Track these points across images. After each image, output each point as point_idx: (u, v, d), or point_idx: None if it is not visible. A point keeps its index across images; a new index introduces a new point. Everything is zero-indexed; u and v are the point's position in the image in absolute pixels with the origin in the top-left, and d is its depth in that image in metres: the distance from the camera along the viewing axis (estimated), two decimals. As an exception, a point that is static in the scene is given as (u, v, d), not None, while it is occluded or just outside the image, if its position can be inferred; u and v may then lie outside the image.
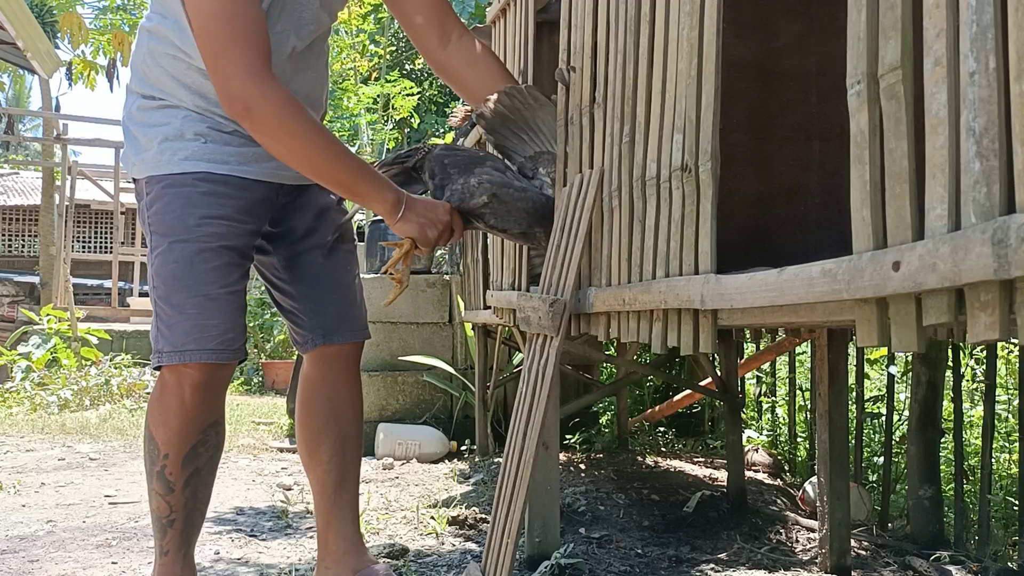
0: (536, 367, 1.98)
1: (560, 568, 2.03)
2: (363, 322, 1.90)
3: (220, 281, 1.62)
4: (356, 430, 1.88)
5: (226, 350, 1.63)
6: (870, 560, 2.34)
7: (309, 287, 1.81)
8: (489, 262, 3.24)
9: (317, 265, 1.81)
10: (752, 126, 2.78)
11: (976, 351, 3.26)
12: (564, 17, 2.27)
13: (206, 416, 1.66)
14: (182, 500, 1.67)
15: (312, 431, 1.83)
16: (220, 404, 1.72)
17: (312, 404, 1.84)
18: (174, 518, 1.67)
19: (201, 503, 1.72)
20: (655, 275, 1.63)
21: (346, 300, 1.85)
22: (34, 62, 7.53)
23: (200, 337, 1.60)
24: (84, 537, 2.49)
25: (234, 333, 1.64)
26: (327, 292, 1.82)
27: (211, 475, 1.73)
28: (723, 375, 2.92)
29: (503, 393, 4.08)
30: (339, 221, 1.87)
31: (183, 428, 1.64)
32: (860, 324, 1.03)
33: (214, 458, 1.73)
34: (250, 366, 7.74)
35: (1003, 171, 0.81)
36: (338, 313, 1.84)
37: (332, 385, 1.84)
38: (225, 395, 1.76)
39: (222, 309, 1.62)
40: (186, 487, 1.66)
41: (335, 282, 1.83)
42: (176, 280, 1.61)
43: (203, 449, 1.68)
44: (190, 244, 1.61)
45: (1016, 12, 0.78)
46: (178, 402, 1.63)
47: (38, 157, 15.84)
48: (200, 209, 1.61)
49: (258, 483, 3.35)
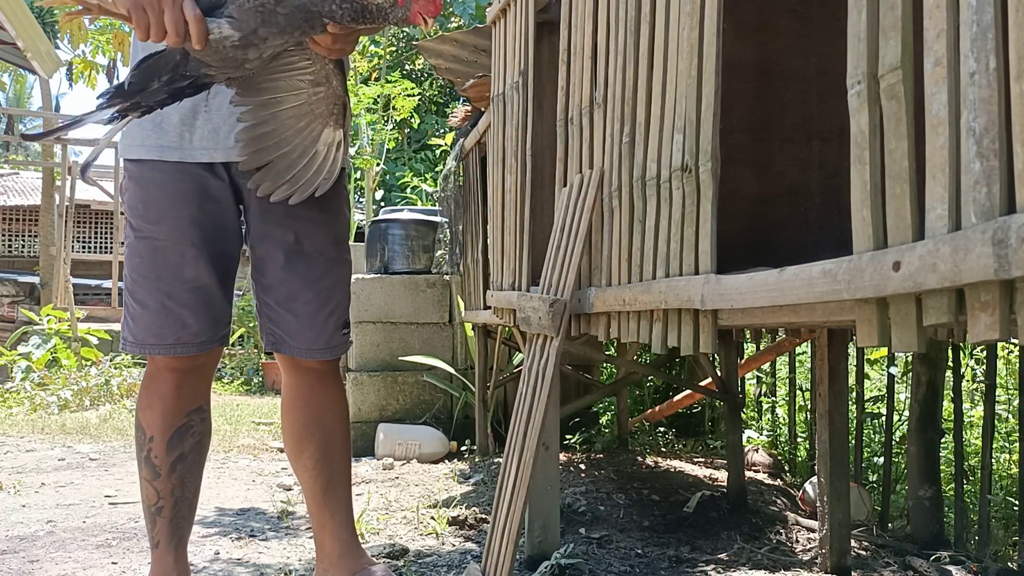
0: (536, 367, 1.98)
1: (560, 568, 2.03)
2: (321, 341, 1.72)
3: (180, 278, 1.61)
4: (340, 435, 1.80)
5: (186, 344, 1.63)
6: (870, 560, 2.34)
7: (266, 291, 1.73)
8: (489, 262, 3.24)
9: (272, 274, 1.71)
10: (752, 126, 2.79)
11: (976, 351, 3.27)
12: (564, 17, 2.27)
13: (189, 401, 1.68)
14: (169, 486, 1.67)
15: (293, 438, 1.79)
16: (204, 390, 1.72)
17: (290, 410, 1.80)
18: (162, 505, 1.68)
19: (189, 492, 1.70)
20: (655, 275, 1.63)
21: (300, 315, 1.70)
22: (34, 62, 7.53)
23: (159, 333, 1.62)
24: (84, 537, 2.49)
25: (198, 327, 1.63)
26: (282, 303, 1.71)
27: (198, 464, 1.72)
28: (723, 375, 2.92)
29: (503, 393, 4.09)
30: (309, 230, 1.69)
31: (166, 411, 1.66)
32: (860, 324, 1.03)
33: (200, 445, 1.72)
34: (250, 366, 7.75)
35: (1003, 171, 0.81)
36: (291, 328, 1.72)
37: (307, 393, 1.78)
38: (211, 381, 1.75)
39: (183, 306, 1.62)
40: (172, 471, 1.67)
41: (289, 293, 1.70)
42: (139, 275, 1.63)
43: (188, 435, 1.68)
44: (150, 241, 1.62)
45: (1016, 12, 0.78)
46: (161, 386, 1.66)
47: (38, 157, 15.85)
48: (150, 204, 1.62)
49: (258, 483, 3.35)
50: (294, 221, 1.67)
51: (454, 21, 8.75)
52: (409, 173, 7.20)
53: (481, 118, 3.55)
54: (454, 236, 4.32)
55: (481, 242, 3.73)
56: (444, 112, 9.38)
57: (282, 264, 1.69)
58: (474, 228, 3.91)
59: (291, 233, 1.68)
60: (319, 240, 1.70)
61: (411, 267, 4.40)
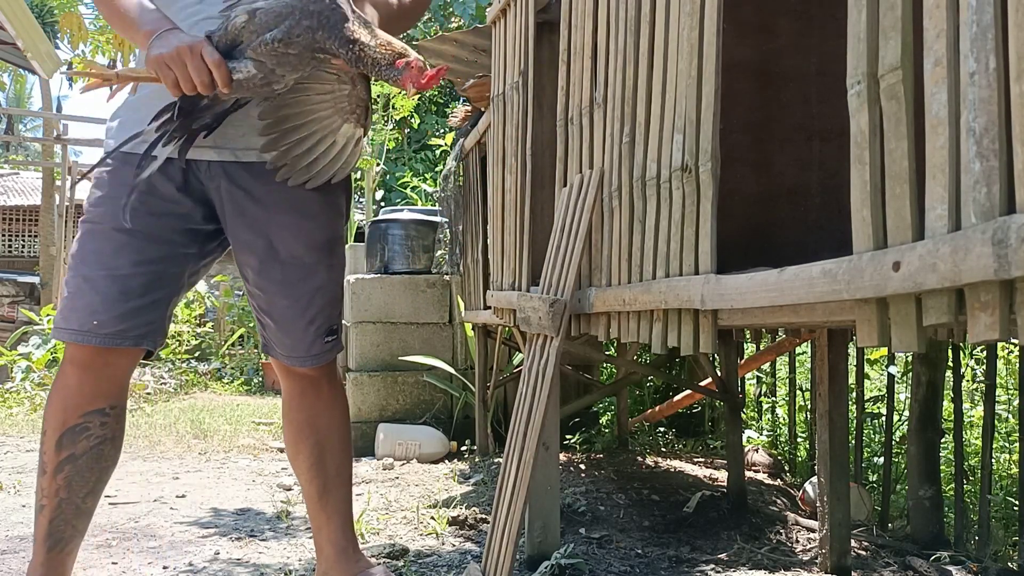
0: (536, 367, 1.98)
1: (560, 568, 2.03)
2: (300, 349, 1.69)
3: (101, 263, 1.55)
4: (336, 439, 1.76)
5: (88, 333, 1.54)
6: (870, 560, 2.34)
7: (250, 297, 1.72)
8: (489, 262, 3.24)
9: (251, 280, 1.68)
10: (752, 126, 2.79)
11: (976, 351, 3.27)
12: (564, 17, 2.27)
13: (89, 400, 1.57)
14: (54, 486, 1.57)
15: (290, 441, 1.77)
16: (112, 392, 1.60)
17: (287, 413, 1.78)
18: (44, 504, 1.58)
19: (76, 496, 1.59)
20: (655, 275, 1.63)
21: (279, 322, 1.68)
22: (34, 63, 7.52)
23: (67, 317, 1.56)
24: (84, 537, 2.49)
25: (107, 316, 1.54)
26: (263, 309, 1.70)
27: (92, 471, 1.60)
28: (723, 375, 2.92)
29: (503, 393, 4.09)
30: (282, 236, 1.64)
31: (62, 407, 1.57)
32: (860, 324, 1.03)
33: (98, 451, 1.60)
34: (250, 366, 7.74)
35: (1003, 171, 0.81)
36: (272, 335, 1.71)
37: (300, 396, 1.75)
38: (123, 385, 1.63)
39: (96, 291, 1.54)
40: (58, 472, 1.57)
41: (267, 300, 1.68)
42: (72, 259, 1.59)
43: (83, 436, 1.57)
44: (89, 225, 1.59)
45: (1016, 12, 0.78)
46: (61, 380, 1.58)
47: (38, 157, 15.84)
48: (100, 190, 1.59)
49: (258, 483, 3.35)
50: (266, 227, 1.62)
51: (454, 21, 8.75)
52: (409, 173, 7.20)
53: (481, 118, 3.55)
54: (454, 236, 4.32)
55: (481, 242, 3.73)
56: (444, 112, 9.37)
57: (257, 270, 1.66)
58: (474, 228, 3.91)
59: (263, 239, 1.63)
60: (294, 246, 1.64)
61: (411, 267, 4.40)
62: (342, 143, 1.58)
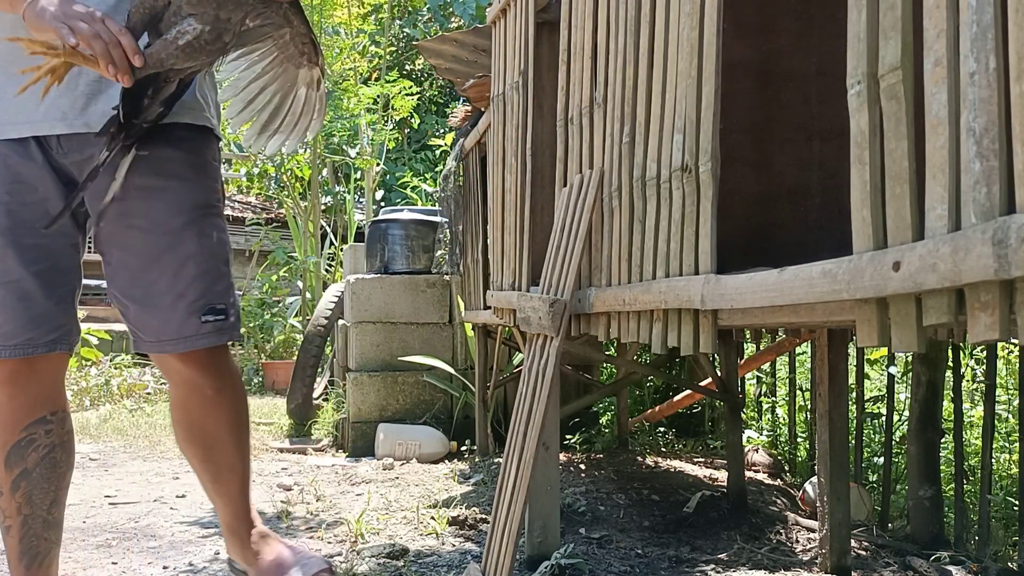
0: (536, 367, 1.98)
1: (560, 568, 2.03)
2: (170, 330, 1.52)
3: None
4: (228, 439, 1.64)
5: (1, 347, 1.46)
6: (870, 560, 2.34)
7: (110, 281, 1.55)
8: (489, 262, 3.24)
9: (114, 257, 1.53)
10: (752, 126, 2.79)
11: (976, 351, 3.27)
12: (564, 17, 2.27)
13: (27, 412, 1.50)
14: (14, 504, 1.51)
15: (178, 439, 1.68)
16: (46, 398, 1.52)
17: (172, 417, 1.68)
18: (9, 524, 1.52)
19: (40, 508, 1.53)
20: (655, 275, 1.63)
21: (142, 301, 1.52)
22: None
23: None
24: (84, 537, 2.49)
25: (12, 327, 1.45)
26: (124, 290, 1.53)
27: (49, 478, 1.53)
28: (723, 375, 2.92)
29: (503, 393, 4.09)
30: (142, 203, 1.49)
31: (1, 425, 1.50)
32: (860, 324, 1.03)
33: (51, 459, 1.53)
34: (250, 366, 7.74)
35: (1003, 171, 0.81)
36: (136, 319, 1.54)
37: (184, 402, 1.63)
38: (55, 388, 1.55)
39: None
40: (15, 490, 1.51)
41: (130, 277, 1.52)
42: None
43: (31, 449, 1.50)
44: None
45: (1016, 12, 0.78)
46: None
47: (38, 157, 15.82)
48: None
49: (258, 483, 3.35)
50: (123, 193, 1.46)
51: (454, 21, 8.76)
52: (409, 173, 7.20)
53: (481, 118, 3.55)
54: (454, 236, 4.32)
55: (481, 242, 3.73)
56: (444, 112, 9.38)
57: (119, 244, 1.50)
58: (474, 228, 3.91)
59: (122, 206, 1.47)
60: (157, 213, 1.48)
61: (411, 267, 4.40)
62: (304, 92, 1.54)
